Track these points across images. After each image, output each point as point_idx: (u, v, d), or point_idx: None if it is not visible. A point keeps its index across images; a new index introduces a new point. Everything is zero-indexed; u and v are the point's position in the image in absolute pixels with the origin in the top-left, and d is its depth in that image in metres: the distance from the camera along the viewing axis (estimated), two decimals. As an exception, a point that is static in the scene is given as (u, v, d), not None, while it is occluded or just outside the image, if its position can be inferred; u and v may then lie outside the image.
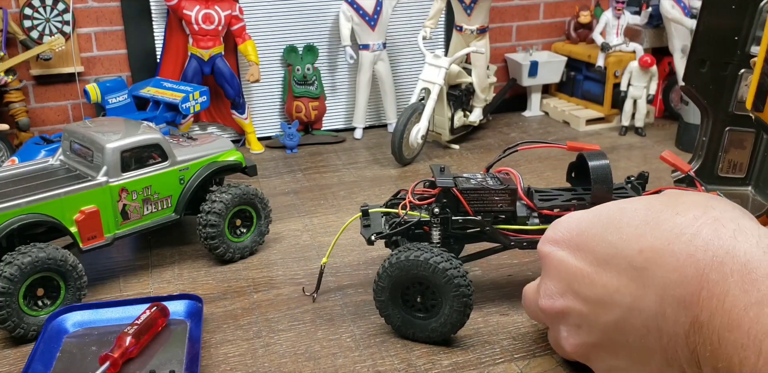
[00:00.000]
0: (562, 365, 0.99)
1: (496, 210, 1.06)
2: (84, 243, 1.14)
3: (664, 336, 0.70)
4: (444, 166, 1.09)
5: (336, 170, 1.75)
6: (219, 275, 1.25)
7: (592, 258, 0.79)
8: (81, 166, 1.20)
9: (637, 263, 0.73)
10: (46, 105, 1.80)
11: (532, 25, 2.18)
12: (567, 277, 0.82)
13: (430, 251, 0.99)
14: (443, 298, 1.00)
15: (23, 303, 1.04)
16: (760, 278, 0.62)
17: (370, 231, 1.08)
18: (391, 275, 1.00)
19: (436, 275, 0.98)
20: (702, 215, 0.71)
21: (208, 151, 1.30)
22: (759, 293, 0.61)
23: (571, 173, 1.16)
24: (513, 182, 1.07)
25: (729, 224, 0.69)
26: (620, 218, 0.78)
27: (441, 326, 1.01)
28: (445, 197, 1.05)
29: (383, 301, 1.03)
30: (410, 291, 1.02)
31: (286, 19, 1.91)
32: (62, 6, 1.71)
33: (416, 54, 2.05)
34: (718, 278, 0.65)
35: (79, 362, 0.98)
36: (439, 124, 1.86)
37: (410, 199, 1.08)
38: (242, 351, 1.03)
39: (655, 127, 2.05)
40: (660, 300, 0.70)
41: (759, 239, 0.66)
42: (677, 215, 0.73)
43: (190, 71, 1.76)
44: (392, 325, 1.05)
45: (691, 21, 1.92)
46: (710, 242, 0.68)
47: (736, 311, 0.62)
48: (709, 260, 0.67)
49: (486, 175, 1.10)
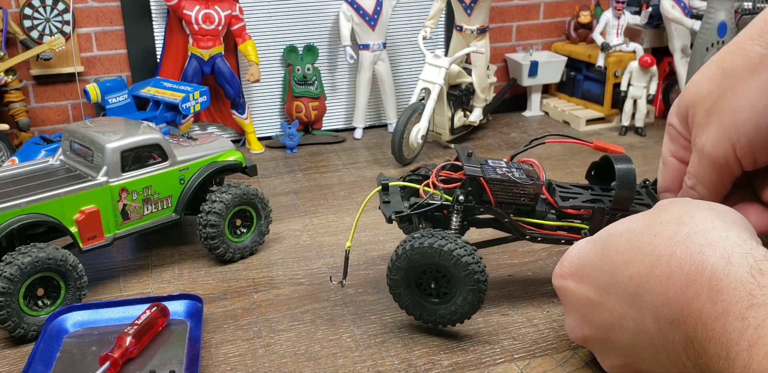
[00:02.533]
0: (562, 366, 0.99)
1: (518, 203, 1.05)
2: (84, 243, 1.14)
3: (671, 354, 0.73)
4: (471, 152, 1.07)
5: (336, 170, 1.75)
6: (219, 275, 1.25)
7: (595, 288, 0.85)
8: (81, 166, 1.20)
9: (629, 289, 0.78)
10: (46, 105, 1.80)
11: (532, 25, 2.18)
12: (579, 307, 0.88)
13: (455, 242, 0.98)
14: (458, 289, 0.99)
15: (23, 303, 1.04)
16: (724, 288, 0.66)
17: (390, 209, 1.06)
18: (410, 258, 0.99)
19: (458, 267, 0.97)
20: (675, 234, 0.75)
21: (208, 151, 1.30)
22: (723, 302, 0.65)
23: (591, 171, 1.16)
24: (537, 174, 1.06)
25: (698, 239, 0.73)
26: (609, 245, 0.84)
27: (450, 314, 1.01)
28: (471, 185, 1.03)
29: (396, 280, 1.02)
30: (426, 276, 1.01)
31: (286, 19, 1.91)
32: (62, 6, 1.71)
33: (416, 54, 2.05)
34: (692, 295, 0.69)
35: (79, 362, 0.98)
36: (439, 124, 1.86)
37: (434, 180, 1.06)
38: (242, 351, 1.03)
39: (655, 127, 2.05)
40: (656, 322, 0.74)
41: (723, 250, 0.70)
42: (655, 237, 0.77)
43: (190, 71, 1.76)
44: (400, 303, 1.04)
45: (691, 21, 1.92)
46: (683, 261, 0.72)
47: (710, 323, 0.66)
48: (684, 279, 0.71)
49: (511, 164, 1.09)
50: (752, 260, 0.66)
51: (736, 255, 0.68)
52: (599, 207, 1.06)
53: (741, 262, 0.67)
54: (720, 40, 1.75)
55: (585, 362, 0.99)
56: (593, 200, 1.08)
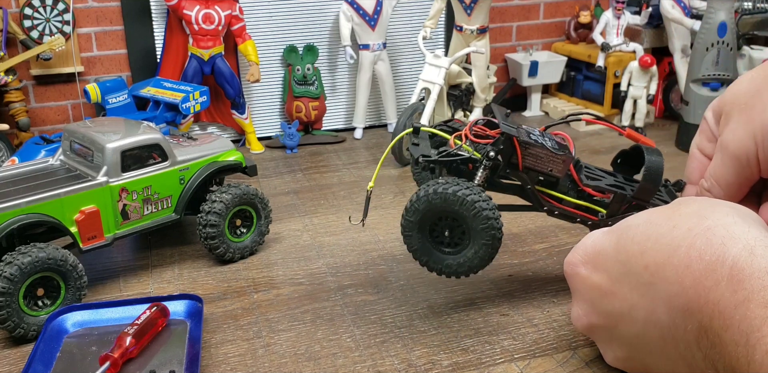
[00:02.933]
0: (562, 366, 0.99)
1: (545, 172, 1.04)
2: (84, 243, 1.14)
3: (681, 345, 0.74)
4: (509, 112, 1.06)
5: (336, 170, 1.75)
6: (219, 275, 1.25)
7: (608, 277, 0.85)
8: (81, 166, 1.20)
9: (644, 279, 0.78)
10: (46, 105, 1.80)
11: (532, 25, 2.18)
12: (590, 294, 0.88)
13: (479, 194, 0.96)
14: (472, 241, 0.99)
15: (23, 303, 1.04)
16: (746, 277, 0.66)
17: (419, 151, 1.04)
18: (431, 202, 0.97)
19: (477, 219, 0.96)
20: (695, 227, 0.75)
21: (208, 151, 1.30)
22: (745, 291, 0.65)
23: (617, 160, 1.16)
24: (568, 149, 1.05)
25: (719, 231, 0.73)
26: (626, 236, 0.84)
27: (458, 266, 1.01)
28: (503, 144, 1.01)
29: (411, 222, 1.00)
30: (441, 223, 1.00)
31: (286, 19, 1.91)
32: (62, 6, 1.71)
33: (416, 54, 2.05)
34: (711, 285, 0.69)
35: (79, 362, 0.98)
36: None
37: (467, 132, 1.04)
38: (242, 351, 1.03)
39: (655, 127, 2.05)
40: (669, 312, 0.74)
41: (746, 242, 0.70)
42: (674, 228, 0.77)
43: (190, 71, 1.76)
44: (409, 246, 1.03)
45: (691, 21, 1.92)
46: (703, 252, 0.72)
47: (728, 311, 0.66)
48: (703, 269, 0.71)
49: (544, 133, 1.08)
50: None
51: (759, 247, 0.68)
52: (621, 193, 1.05)
53: (765, 254, 0.67)
54: (720, 40, 1.75)
55: (585, 362, 0.99)
56: (616, 185, 1.08)
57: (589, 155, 1.80)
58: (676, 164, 1.75)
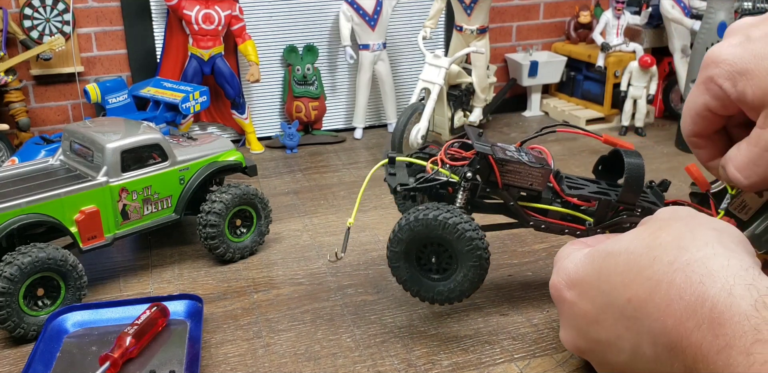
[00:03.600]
0: (562, 366, 0.99)
1: (525, 187, 1.04)
2: (84, 243, 1.14)
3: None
4: (482, 132, 1.07)
5: (336, 170, 1.75)
6: (219, 275, 1.25)
7: (592, 305, 0.84)
8: (81, 166, 1.20)
9: (627, 312, 0.77)
10: (46, 105, 1.80)
11: (532, 25, 2.18)
12: (576, 321, 0.87)
13: (460, 217, 0.96)
14: (460, 264, 0.98)
15: (23, 303, 1.04)
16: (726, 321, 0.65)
17: (396, 180, 1.04)
18: (413, 230, 0.97)
19: (461, 241, 0.96)
20: (675, 260, 0.73)
21: (208, 151, 1.30)
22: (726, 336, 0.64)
23: (598, 166, 1.15)
24: (546, 162, 1.05)
25: (698, 268, 0.71)
26: (607, 264, 0.82)
27: (448, 292, 1.00)
28: (479, 163, 1.01)
29: (396, 253, 1.00)
30: (427, 250, 1.00)
31: (286, 19, 1.92)
32: (62, 6, 1.71)
33: (416, 54, 2.05)
34: (693, 326, 0.68)
35: (79, 362, 0.98)
36: (439, 124, 1.86)
37: (443, 156, 1.04)
38: (242, 351, 1.03)
39: (655, 127, 2.05)
40: (653, 347, 0.73)
41: (725, 281, 0.68)
42: (654, 260, 0.75)
43: (190, 71, 1.76)
44: (398, 278, 1.02)
45: (691, 21, 1.92)
46: (683, 290, 0.70)
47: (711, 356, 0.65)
48: (684, 309, 0.70)
49: (520, 149, 1.07)
50: (756, 293, 0.64)
51: (738, 286, 0.66)
52: (605, 199, 1.05)
53: (744, 294, 0.65)
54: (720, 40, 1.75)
55: (585, 362, 0.99)
56: (599, 192, 1.07)
57: (588, 155, 1.80)
58: (676, 164, 1.75)
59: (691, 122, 0.93)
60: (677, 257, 0.73)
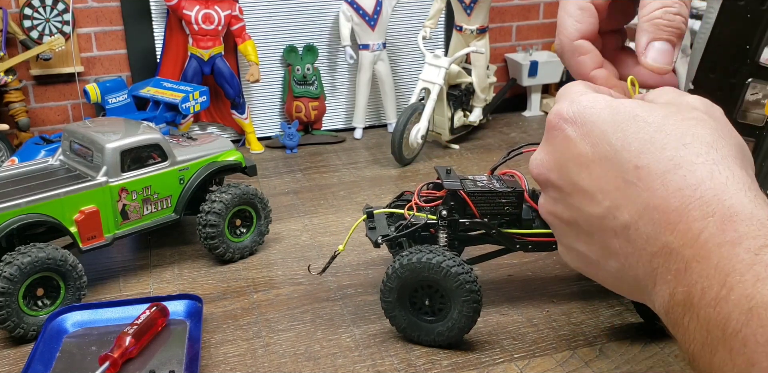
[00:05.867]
0: (562, 366, 0.99)
1: (502, 213, 1.06)
2: (84, 243, 1.14)
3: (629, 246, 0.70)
4: (450, 168, 1.09)
5: (336, 170, 1.75)
6: (219, 275, 1.25)
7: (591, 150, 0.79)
8: (81, 166, 1.20)
9: (629, 176, 0.74)
10: (46, 105, 1.80)
11: (532, 25, 2.18)
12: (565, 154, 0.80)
13: (442, 255, 0.98)
14: (452, 302, 0.99)
15: (23, 303, 1.04)
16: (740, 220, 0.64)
17: (376, 233, 1.07)
18: (401, 277, 1.00)
19: (448, 279, 0.98)
20: (704, 154, 0.71)
21: (208, 151, 1.30)
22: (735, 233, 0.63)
23: None
24: (519, 185, 1.07)
25: (725, 170, 0.70)
26: (630, 125, 0.77)
27: (448, 331, 1.01)
28: (453, 200, 1.05)
29: (390, 302, 1.02)
30: (418, 294, 1.02)
31: (286, 19, 1.91)
32: (62, 6, 1.71)
33: (416, 54, 2.05)
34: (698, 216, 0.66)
35: (79, 362, 0.98)
36: (439, 124, 1.86)
37: (416, 201, 1.07)
38: (242, 351, 1.03)
39: (655, 127, 2.05)
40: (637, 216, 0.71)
41: (748, 188, 0.67)
42: (683, 146, 0.72)
43: (190, 71, 1.76)
44: (397, 327, 1.04)
45: (691, 21, 1.92)
46: (702, 183, 0.69)
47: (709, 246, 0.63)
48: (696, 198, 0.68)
49: (491, 177, 1.10)
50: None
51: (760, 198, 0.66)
52: None
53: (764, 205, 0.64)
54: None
55: (585, 362, 0.99)
56: None
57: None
58: (676, 164, 1.75)
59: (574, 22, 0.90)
60: (707, 152, 0.71)
